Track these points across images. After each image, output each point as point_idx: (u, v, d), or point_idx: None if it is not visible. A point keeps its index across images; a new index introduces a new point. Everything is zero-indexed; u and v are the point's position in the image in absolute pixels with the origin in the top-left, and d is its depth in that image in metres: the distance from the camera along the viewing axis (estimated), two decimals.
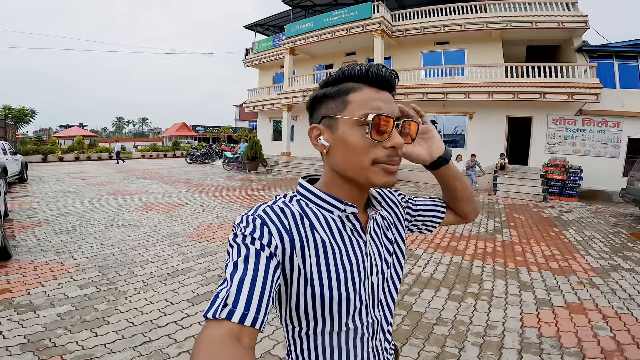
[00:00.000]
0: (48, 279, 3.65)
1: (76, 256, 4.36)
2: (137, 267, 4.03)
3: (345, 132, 0.62)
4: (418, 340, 2.68)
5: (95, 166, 18.42)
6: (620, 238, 6.07)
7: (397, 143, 0.61)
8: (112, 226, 5.81)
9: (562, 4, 12.46)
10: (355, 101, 0.62)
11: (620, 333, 2.81)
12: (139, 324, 2.80)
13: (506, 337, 2.74)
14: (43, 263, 4.11)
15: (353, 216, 0.67)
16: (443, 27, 13.70)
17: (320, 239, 0.64)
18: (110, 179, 12.72)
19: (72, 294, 3.30)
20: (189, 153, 21.56)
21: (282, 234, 0.60)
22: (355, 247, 0.67)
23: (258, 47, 19.88)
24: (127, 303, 3.16)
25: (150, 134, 67.92)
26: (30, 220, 6.22)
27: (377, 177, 0.62)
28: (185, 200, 8.34)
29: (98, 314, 2.94)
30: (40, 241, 4.97)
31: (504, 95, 12.29)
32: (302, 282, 0.62)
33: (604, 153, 11.91)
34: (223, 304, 0.49)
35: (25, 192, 9.38)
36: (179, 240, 5.13)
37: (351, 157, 0.62)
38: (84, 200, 8.21)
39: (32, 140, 25.58)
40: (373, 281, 0.69)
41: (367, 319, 0.68)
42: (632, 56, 12.09)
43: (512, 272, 4.24)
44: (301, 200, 0.68)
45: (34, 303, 3.11)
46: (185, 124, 40.27)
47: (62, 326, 2.73)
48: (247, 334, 0.48)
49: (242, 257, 0.54)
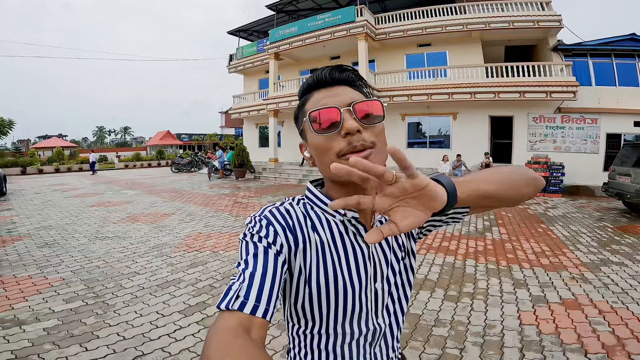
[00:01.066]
0: (32, 293, 3.54)
1: (60, 270, 4.21)
2: (125, 280, 3.89)
3: (310, 139, 0.65)
4: (418, 343, 2.65)
5: (77, 177, 17.94)
6: (607, 232, 6.20)
7: (349, 128, 0.58)
8: (97, 238, 5.62)
9: (537, 4, 12.79)
10: (308, 108, 0.65)
11: (618, 327, 2.82)
12: (130, 338, 2.70)
13: (506, 336, 2.73)
14: (26, 277, 3.97)
15: (355, 220, 0.66)
16: (425, 29, 13.89)
17: (320, 240, 0.65)
18: (93, 190, 12.39)
19: (57, 308, 3.19)
20: (174, 162, 21.23)
21: (287, 232, 0.63)
22: (357, 252, 0.66)
23: (242, 53, 19.75)
24: (116, 316, 3.05)
25: (134, 143, 66.70)
26: (10, 234, 6.01)
27: None
28: (172, 210, 8.16)
29: (87, 328, 2.83)
30: (21, 255, 4.80)
31: (486, 95, 12.53)
32: (302, 281, 0.64)
33: (584, 149, 12.22)
34: (235, 296, 0.51)
35: (4, 206, 9.06)
36: (167, 250, 4.99)
37: (321, 159, 0.63)
38: (66, 213, 7.96)
39: (10, 152, 24.81)
40: (377, 288, 0.68)
41: (369, 325, 0.67)
42: (606, 54, 12.46)
43: (505, 270, 4.26)
44: (307, 203, 0.70)
45: (18, 318, 3.02)
46: (170, 132, 39.76)
47: (49, 341, 2.65)
48: (257, 326, 0.50)
49: (251, 254, 0.57)
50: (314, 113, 0.61)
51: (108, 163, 27.09)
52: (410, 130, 15.23)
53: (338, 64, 0.67)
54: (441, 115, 14.31)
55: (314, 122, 0.61)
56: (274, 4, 17.00)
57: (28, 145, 38.91)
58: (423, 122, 14.92)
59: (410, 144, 15.13)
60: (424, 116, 14.65)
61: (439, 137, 14.68)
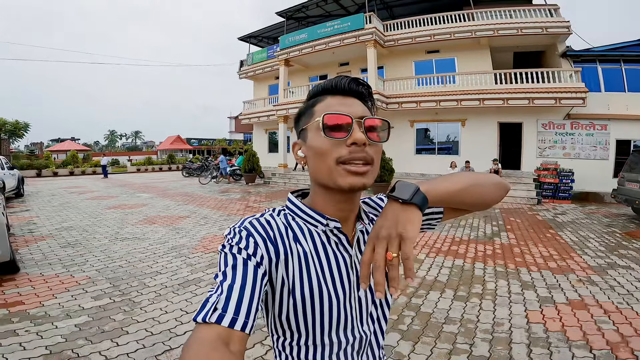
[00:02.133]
0: (60, 291, 3.70)
1: (85, 269, 4.40)
2: (148, 279, 4.08)
3: (311, 139, 0.65)
4: (429, 339, 2.79)
5: (91, 180, 18.35)
6: (615, 237, 6.26)
7: (357, 139, 0.60)
8: (117, 239, 5.85)
9: (546, 10, 12.87)
10: (318, 110, 0.65)
11: (623, 326, 2.94)
12: (157, 333, 2.86)
13: (514, 333, 2.86)
14: (52, 276, 4.15)
15: (337, 230, 0.67)
16: (433, 35, 14.04)
17: (302, 250, 0.65)
18: (108, 193, 12.71)
19: (86, 305, 3.35)
20: (185, 166, 21.61)
21: (267, 244, 0.62)
22: (340, 261, 0.67)
23: (252, 59, 20.08)
24: (143, 313, 3.21)
25: (144, 147, 67.65)
26: (32, 234, 6.24)
27: (342, 179, 0.61)
28: (187, 213, 8.39)
29: (116, 324, 2.99)
30: (46, 255, 5.00)
31: (495, 101, 12.61)
32: (285, 293, 0.63)
33: (594, 155, 12.21)
34: (213, 309, 0.51)
35: (23, 207, 9.38)
36: (185, 252, 5.19)
37: (318, 161, 0.63)
38: (85, 214, 8.22)
39: (25, 154, 25.40)
40: (360, 296, 0.68)
41: (355, 333, 0.67)
42: (614, 60, 12.46)
43: (513, 272, 4.38)
44: (288, 214, 0.69)
45: (49, 315, 3.14)
46: (180, 137, 40.33)
47: (82, 337, 2.77)
48: (236, 339, 0.50)
49: (230, 265, 0.57)
50: (329, 115, 0.61)
51: (120, 167, 27.60)
52: (419, 137, 15.32)
53: (354, 77, 0.68)
54: (450, 122, 14.39)
55: (325, 123, 0.61)
56: (284, 11, 17.34)
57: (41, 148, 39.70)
58: (431, 128, 15.01)
59: (418, 150, 15.22)
60: (433, 122, 14.75)
61: (448, 143, 14.75)
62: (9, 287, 3.75)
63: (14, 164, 14.77)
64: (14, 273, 4.17)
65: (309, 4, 16.60)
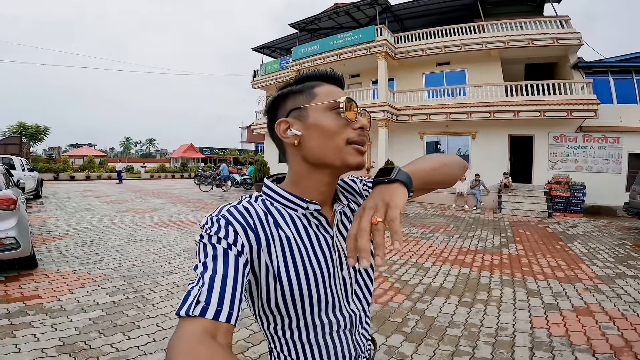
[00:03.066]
0: (76, 286, 3.84)
1: (101, 267, 4.57)
2: (160, 278, 4.23)
3: (318, 119, 0.66)
4: (433, 341, 2.84)
5: (106, 185, 18.78)
6: (625, 249, 6.21)
7: (365, 124, 0.67)
8: (132, 241, 6.04)
9: (556, 22, 12.89)
10: (322, 93, 0.68)
11: (627, 332, 2.97)
12: (168, 328, 2.97)
13: (517, 337, 2.90)
14: (69, 272, 4.31)
15: (317, 212, 0.68)
16: (444, 47, 14.15)
17: (284, 235, 0.65)
18: (123, 197, 13.01)
19: (101, 301, 3.48)
20: (197, 174, 21.96)
21: (247, 231, 0.61)
22: (322, 243, 0.68)
23: (266, 69, 20.47)
24: (154, 309, 3.33)
25: (157, 155, 68.84)
26: (50, 233, 6.48)
27: (351, 157, 0.66)
28: (198, 219, 8.57)
29: (128, 319, 3.10)
30: (63, 253, 5.20)
31: (505, 114, 12.58)
32: (270, 279, 0.63)
33: (606, 169, 12.08)
34: (196, 301, 0.50)
35: (41, 208, 9.69)
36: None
37: (327, 140, 0.65)
38: (100, 216, 8.47)
39: (44, 158, 26.13)
40: (344, 275, 0.70)
41: (343, 312, 0.69)
42: (626, 71, 12.39)
43: (519, 280, 4.40)
44: (266, 199, 0.69)
45: (65, 308, 3.25)
46: (192, 145, 40.96)
47: (95, 330, 2.88)
48: (222, 331, 0.49)
49: (210, 256, 0.56)
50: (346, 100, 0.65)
51: (134, 173, 28.15)
52: (429, 150, 15.28)
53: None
54: (460, 135, 14.38)
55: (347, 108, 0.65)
56: (297, 23, 17.72)
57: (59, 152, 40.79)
58: (442, 141, 15.00)
59: None
60: (443, 135, 14.75)
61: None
62: (27, 282, 3.92)
63: (33, 166, 15.23)
64: (33, 269, 4.36)
65: (321, 16, 16.97)
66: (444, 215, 10.57)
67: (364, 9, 15.77)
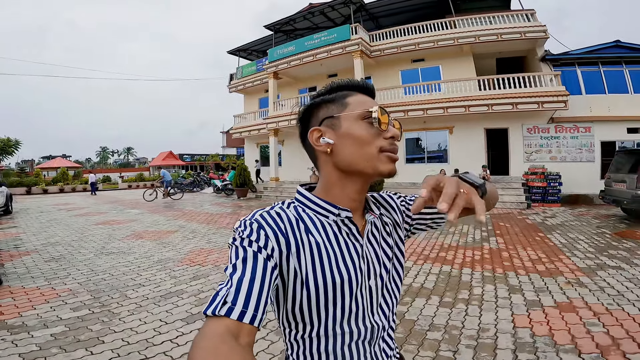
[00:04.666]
0: (40, 302, 3.69)
1: (67, 282, 4.37)
2: (130, 291, 4.02)
3: (350, 128, 0.67)
4: (412, 347, 2.73)
5: (81, 197, 18.16)
6: (605, 238, 6.28)
7: (396, 133, 0.68)
8: (102, 254, 5.76)
9: (523, 15, 13.20)
10: (354, 102, 0.69)
11: (613, 328, 2.89)
12: (134, 343, 2.81)
13: (499, 338, 2.81)
14: (34, 288, 4.13)
15: (348, 220, 0.68)
16: (418, 44, 14.28)
17: (314, 241, 0.66)
18: (97, 209, 12.56)
19: (65, 316, 3.32)
20: (176, 182, 21.48)
21: (278, 236, 0.62)
22: (351, 251, 0.68)
23: (242, 72, 20.20)
24: (121, 324, 3.16)
25: (136, 163, 67.32)
26: (18, 249, 6.20)
27: (384, 165, 0.67)
28: (175, 228, 8.28)
29: (92, 334, 2.95)
30: (29, 268, 4.98)
31: (480, 108, 12.75)
32: (298, 284, 0.63)
33: (580, 158, 12.37)
34: (223, 302, 0.51)
35: (10, 224, 9.29)
36: (170, 265, 5.10)
37: (359, 149, 0.66)
38: (72, 230, 8.11)
39: (15, 172, 25.09)
40: (371, 285, 0.70)
41: (366, 323, 0.68)
42: (593, 62, 12.73)
43: (500, 277, 4.35)
44: (298, 206, 0.71)
45: (27, 324, 3.15)
46: (172, 152, 40.12)
47: (56, 345, 2.76)
48: (245, 332, 0.50)
49: (240, 258, 0.57)
50: (380, 109, 0.67)
51: (112, 184, 27.34)
52: (409, 146, 15.41)
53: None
54: (438, 130, 14.53)
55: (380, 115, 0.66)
56: (272, 24, 17.52)
57: (32, 165, 39.37)
58: (421, 137, 15.12)
59: (408, 159, 15.30)
60: (422, 131, 14.87)
61: (437, 151, 14.85)
62: None
63: (2, 181, 14.56)
64: None
65: (296, 16, 16.83)
66: None
67: (339, 8, 15.72)
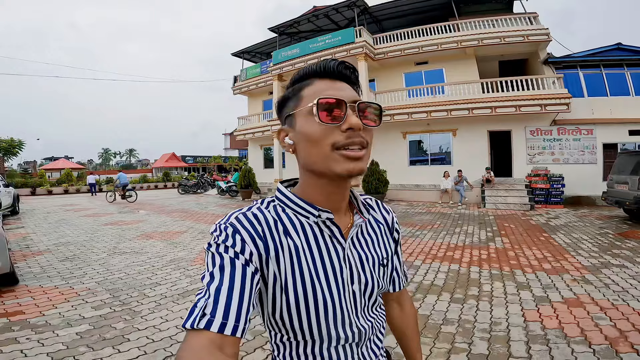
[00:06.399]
0: (60, 301, 3.75)
1: (84, 281, 4.45)
2: (147, 289, 4.11)
3: (302, 125, 0.62)
4: (428, 339, 2.83)
5: (86, 198, 18.28)
6: (608, 238, 6.38)
7: (353, 124, 0.58)
8: (115, 253, 5.86)
9: (525, 19, 13.32)
10: (307, 95, 0.62)
11: (620, 322, 3.00)
12: (158, 340, 2.89)
13: (512, 331, 2.92)
14: (52, 287, 4.20)
15: (329, 221, 0.64)
16: (421, 47, 14.40)
17: (293, 244, 0.62)
18: (104, 210, 12.67)
19: (87, 315, 3.39)
20: (181, 184, 21.61)
21: (256, 239, 0.59)
22: (332, 254, 0.64)
23: (246, 74, 20.29)
24: (143, 322, 3.24)
25: (139, 165, 67.49)
26: (30, 249, 6.29)
27: (338, 165, 0.59)
28: (184, 229, 8.39)
29: (117, 332, 3.02)
30: (44, 268, 5.06)
31: (483, 110, 12.86)
32: (277, 289, 0.61)
33: (582, 160, 12.46)
34: (201, 314, 0.49)
35: (19, 224, 9.39)
36: (184, 264, 5.20)
37: (311, 148, 0.61)
38: (81, 230, 8.21)
39: (19, 173, 25.22)
40: (355, 289, 0.66)
41: (353, 328, 0.65)
42: (595, 65, 12.86)
43: (508, 274, 4.45)
44: (278, 205, 0.66)
45: (50, 323, 3.19)
46: (175, 154, 40.29)
47: (83, 344, 2.81)
48: (229, 343, 0.49)
49: (217, 266, 0.54)
50: (323, 100, 0.58)
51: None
52: (412, 148, 15.47)
53: (341, 60, 0.66)
54: (441, 132, 14.59)
55: (321, 109, 0.58)
56: (276, 27, 17.65)
57: (35, 166, 39.50)
58: (424, 139, 15.18)
59: (412, 162, 15.35)
60: (425, 134, 14.94)
61: (440, 154, 14.90)
62: (9, 298, 3.80)
63: (9, 182, 14.68)
64: (13, 285, 4.23)
65: (301, 19, 16.98)
66: (430, 212, 10.67)
67: (343, 11, 15.87)
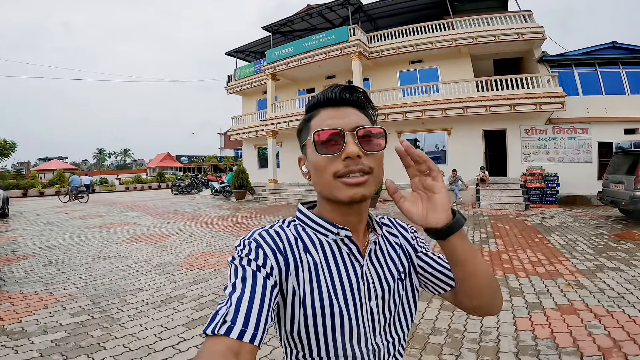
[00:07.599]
0: (39, 307, 3.68)
1: (65, 286, 4.35)
2: (129, 296, 4.00)
3: (310, 155, 0.66)
4: (415, 351, 2.73)
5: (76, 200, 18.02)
6: (603, 239, 6.30)
7: (349, 152, 0.60)
8: (100, 258, 5.73)
9: (520, 17, 13.24)
10: (314, 126, 0.66)
11: (614, 330, 2.90)
12: (135, 349, 2.79)
13: (502, 342, 2.81)
14: (32, 293, 4.12)
15: (348, 239, 0.67)
16: (415, 46, 14.28)
17: (312, 260, 0.65)
18: (94, 212, 12.50)
19: (64, 322, 3.31)
20: (174, 184, 21.42)
21: (277, 254, 0.62)
22: (349, 271, 0.66)
23: (240, 74, 20.12)
24: (121, 329, 3.15)
25: (133, 165, 67.10)
26: (15, 253, 6.18)
27: (339, 192, 0.62)
28: (174, 231, 8.25)
29: (93, 340, 2.94)
30: (27, 273, 4.97)
31: (478, 109, 12.74)
32: (296, 304, 0.63)
33: (577, 159, 12.40)
34: (222, 321, 0.51)
35: (7, 227, 9.24)
36: (170, 269, 5.07)
37: (318, 177, 0.64)
38: (69, 233, 8.07)
39: (11, 174, 24.91)
40: (372, 306, 0.67)
41: (368, 346, 0.66)
42: (589, 63, 12.79)
43: (500, 279, 4.34)
44: (298, 225, 0.70)
45: (26, 330, 3.14)
46: (169, 154, 40.09)
47: (57, 352, 2.75)
48: (246, 351, 0.50)
49: (239, 277, 0.57)
50: (319, 132, 0.62)
51: (108, 186, 27.24)
52: None
53: (350, 84, 0.68)
54: (436, 131, 14.51)
55: (317, 141, 0.62)
56: (269, 25, 17.48)
57: (29, 167, 39.17)
58: (419, 138, 15.09)
59: None
60: (420, 133, 14.85)
61: (436, 153, 14.80)
62: None
63: (0, 183, 14.47)
64: None
65: (294, 18, 16.82)
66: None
67: (337, 10, 15.73)
